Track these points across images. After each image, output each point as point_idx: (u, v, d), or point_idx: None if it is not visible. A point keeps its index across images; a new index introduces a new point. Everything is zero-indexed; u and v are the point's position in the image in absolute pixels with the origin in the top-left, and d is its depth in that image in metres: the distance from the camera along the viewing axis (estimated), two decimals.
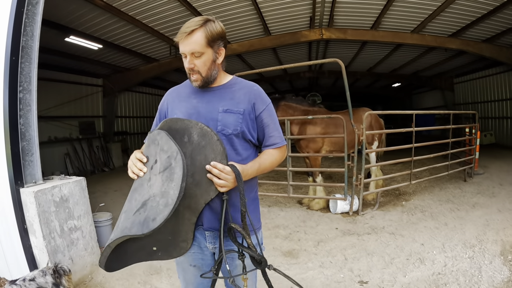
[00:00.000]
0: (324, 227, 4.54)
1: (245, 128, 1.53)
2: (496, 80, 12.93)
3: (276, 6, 7.47)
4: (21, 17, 3.02)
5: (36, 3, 3.13)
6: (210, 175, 1.38)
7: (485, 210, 4.85)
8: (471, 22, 8.00)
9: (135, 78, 11.63)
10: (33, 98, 3.15)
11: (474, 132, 7.31)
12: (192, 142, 1.40)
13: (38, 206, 2.93)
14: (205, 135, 1.40)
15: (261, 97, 1.61)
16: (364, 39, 9.18)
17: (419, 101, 20.70)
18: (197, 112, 1.53)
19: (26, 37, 3.09)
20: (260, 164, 1.57)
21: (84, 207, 3.39)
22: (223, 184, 1.38)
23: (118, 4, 6.47)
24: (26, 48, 3.10)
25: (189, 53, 1.46)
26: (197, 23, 1.45)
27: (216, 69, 1.55)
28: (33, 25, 3.14)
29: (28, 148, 3.12)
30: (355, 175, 4.92)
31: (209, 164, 1.37)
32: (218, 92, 1.57)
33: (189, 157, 1.38)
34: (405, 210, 5.13)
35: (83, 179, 3.41)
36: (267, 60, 12.36)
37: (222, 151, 1.41)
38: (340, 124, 5.14)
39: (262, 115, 1.58)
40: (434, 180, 6.46)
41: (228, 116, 1.51)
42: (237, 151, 1.54)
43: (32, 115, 3.15)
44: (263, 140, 1.63)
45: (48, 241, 3.01)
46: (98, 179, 9.74)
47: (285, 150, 1.72)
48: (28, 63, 3.14)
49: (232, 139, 1.52)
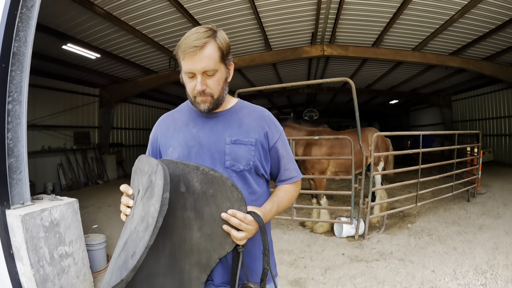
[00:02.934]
0: (330, 253, 4.32)
1: (258, 162, 1.29)
2: (494, 98, 13.03)
3: (279, 21, 7.42)
4: (14, 21, 2.71)
5: (31, 6, 2.84)
6: (226, 227, 1.13)
7: (493, 233, 4.76)
8: (472, 40, 8.06)
9: (132, 89, 11.47)
10: (23, 110, 2.83)
11: (476, 151, 7.21)
12: (194, 192, 1.14)
13: (25, 232, 2.66)
14: (213, 182, 1.13)
15: (275, 125, 1.38)
16: (365, 56, 9.15)
17: (416, 118, 20.76)
18: (199, 144, 1.28)
19: (19, 42, 2.77)
20: (278, 205, 1.34)
21: (76, 231, 3.13)
22: (244, 236, 1.13)
23: (118, 13, 6.35)
24: (18, 54, 2.78)
25: (200, 71, 1.18)
26: (207, 34, 1.19)
27: (227, 88, 1.31)
28: (26, 30, 2.82)
29: (16, 165, 2.82)
30: (362, 198, 4.75)
31: (225, 212, 1.13)
32: (223, 119, 1.32)
33: (191, 209, 1.13)
34: (411, 233, 4.96)
35: (75, 201, 3.16)
36: (267, 75, 12.31)
37: (240, 198, 1.15)
38: (347, 145, 4.98)
39: (277, 146, 1.36)
40: (438, 200, 6.32)
41: (238, 148, 1.26)
42: (252, 190, 1.30)
43: (22, 129, 2.84)
44: (278, 174, 1.41)
45: (37, 270, 2.74)
46: (92, 192, 9.48)
47: (300, 184, 1.51)
48: (19, 71, 2.80)
49: (245, 176, 1.28)
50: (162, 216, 0.96)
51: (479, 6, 6.24)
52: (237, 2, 6.39)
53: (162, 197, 0.97)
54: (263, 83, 12.99)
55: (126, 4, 6.02)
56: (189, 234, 1.13)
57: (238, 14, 6.89)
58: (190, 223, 1.13)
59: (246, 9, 6.68)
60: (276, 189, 1.42)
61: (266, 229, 1.18)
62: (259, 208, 1.23)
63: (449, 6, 6.38)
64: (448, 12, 6.64)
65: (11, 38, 2.71)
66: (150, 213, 0.99)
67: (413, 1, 6.27)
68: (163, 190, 0.98)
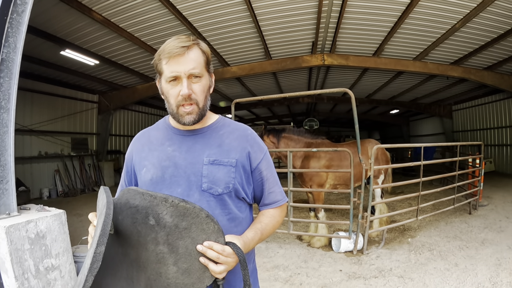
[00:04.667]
0: (327, 269, 4.18)
1: (238, 185, 1.18)
2: (495, 108, 13.01)
3: (279, 30, 7.40)
4: (3, 26, 2.65)
5: (22, 12, 2.77)
6: (204, 260, 1.01)
7: (495, 248, 4.63)
8: (474, 50, 8.05)
9: (131, 96, 11.45)
10: (11, 118, 2.75)
11: (478, 163, 7.12)
12: (164, 226, 1.01)
13: (10, 243, 2.57)
14: (185, 214, 1.02)
15: (258, 144, 1.27)
16: (366, 66, 9.12)
17: (417, 128, 20.72)
18: (174, 164, 1.17)
19: (8, 48, 2.70)
20: (262, 232, 1.21)
21: (63, 244, 3.02)
22: (223, 270, 1.02)
23: (116, 20, 6.32)
24: (6, 61, 2.70)
25: (187, 74, 1.09)
26: (190, 39, 1.12)
27: (209, 99, 1.21)
28: (16, 36, 2.74)
29: (2, 174, 2.76)
30: (361, 212, 4.63)
31: (201, 245, 1.01)
32: (201, 137, 1.21)
33: (164, 244, 1.02)
34: (412, 248, 4.82)
35: (63, 213, 3.06)
36: (267, 84, 12.30)
37: (216, 229, 1.04)
38: (346, 157, 4.87)
39: (261, 167, 1.25)
40: (439, 213, 6.19)
41: (217, 169, 1.15)
42: (232, 215, 1.19)
43: (9, 138, 2.77)
44: (261, 198, 1.30)
45: (21, 282, 2.64)
46: (88, 200, 9.36)
47: (286, 208, 1.39)
48: (8, 78, 2.72)
49: (224, 199, 1.17)
50: (92, 274, 0.83)
51: (480, 15, 6.22)
52: (236, 10, 6.36)
53: (94, 252, 0.84)
54: (263, 92, 12.98)
55: (125, 10, 5.99)
56: (164, 269, 1.03)
57: (237, 22, 6.87)
58: (163, 257, 1.02)
59: (246, 17, 6.66)
60: (259, 214, 1.30)
61: (246, 262, 1.07)
62: (239, 237, 1.11)
63: (450, 15, 6.36)
64: (450, 21, 6.62)
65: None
66: (85, 268, 0.87)
67: (415, 10, 6.24)
68: (97, 243, 0.84)
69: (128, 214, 1.04)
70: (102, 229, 0.87)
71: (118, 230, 1.05)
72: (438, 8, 6.13)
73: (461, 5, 5.98)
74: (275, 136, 5.26)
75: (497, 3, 5.81)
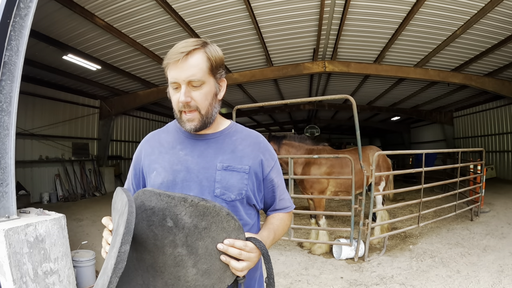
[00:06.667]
0: (328, 276, 4.14)
1: (250, 192, 1.17)
2: (497, 114, 13.02)
3: (280, 37, 7.44)
4: (6, 30, 2.65)
5: (25, 15, 2.78)
6: (225, 257, 0.99)
7: (497, 254, 4.60)
8: (475, 56, 8.08)
9: (133, 102, 11.49)
10: (12, 122, 2.75)
11: (480, 169, 7.11)
12: (183, 227, 0.98)
13: (8, 247, 2.57)
14: (205, 213, 0.99)
15: (269, 152, 1.26)
16: (367, 72, 9.15)
17: (418, 134, 20.73)
18: (186, 169, 1.15)
19: (10, 52, 2.71)
20: (275, 232, 1.21)
21: (62, 248, 3.01)
22: (245, 266, 1.00)
23: (119, 26, 6.37)
24: (8, 64, 2.71)
25: (185, 81, 1.07)
26: (196, 43, 1.10)
27: (217, 106, 1.18)
28: (19, 39, 2.75)
29: (3, 177, 2.76)
30: (362, 219, 4.60)
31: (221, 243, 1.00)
32: (214, 142, 1.20)
33: (182, 246, 0.99)
34: (413, 255, 4.79)
35: (62, 217, 3.04)
36: (268, 91, 12.34)
37: (237, 227, 1.01)
38: (347, 164, 4.85)
39: (272, 174, 1.24)
40: (441, 220, 6.16)
41: (230, 175, 1.14)
42: (241, 221, 1.16)
43: (10, 141, 2.76)
44: (272, 204, 1.30)
45: (19, 286, 2.62)
46: (88, 205, 9.34)
47: (292, 215, 1.41)
48: (9, 81, 2.73)
49: (236, 206, 1.15)
50: (117, 275, 0.80)
51: (481, 21, 6.25)
52: (238, 17, 6.40)
53: (119, 251, 0.81)
54: (264, 98, 13.00)
55: (127, 16, 6.03)
56: (183, 272, 1.00)
57: (239, 29, 6.91)
58: (182, 260, 0.99)
59: (247, 24, 6.70)
60: (269, 217, 1.30)
61: (269, 255, 1.05)
62: (257, 234, 1.11)
63: (451, 22, 6.39)
64: (451, 28, 6.65)
65: (2, 47, 2.66)
66: (108, 269, 0.84)
67: (416, 17, 6.28)
68: (121, 242, 0.82)
69: (143, 217, 1.00)
70: (126, 227, 0.84)
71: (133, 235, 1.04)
72: (439, 14, 6.17)
73: (462, 11, 6.01)
74: (276, 143, 5.25)
75: (498, 10, 5.84)
